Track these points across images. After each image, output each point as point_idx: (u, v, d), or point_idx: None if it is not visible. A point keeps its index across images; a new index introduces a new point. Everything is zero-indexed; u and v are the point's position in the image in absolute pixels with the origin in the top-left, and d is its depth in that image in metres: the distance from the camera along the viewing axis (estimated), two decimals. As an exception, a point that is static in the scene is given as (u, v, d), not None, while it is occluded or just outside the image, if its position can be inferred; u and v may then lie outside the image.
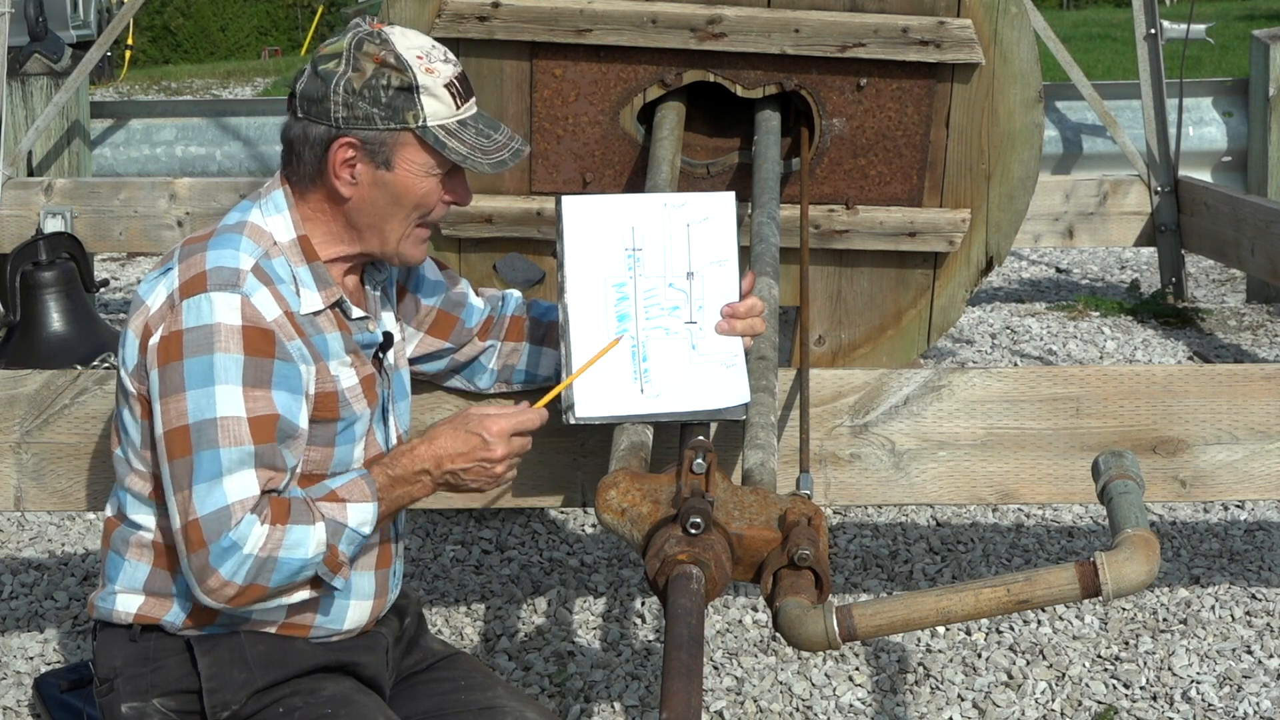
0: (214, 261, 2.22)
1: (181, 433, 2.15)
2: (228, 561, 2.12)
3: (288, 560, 2.14)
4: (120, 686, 2.30)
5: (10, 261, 5.85)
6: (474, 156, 2.26)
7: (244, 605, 2.17)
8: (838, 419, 2.82)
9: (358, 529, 2.21)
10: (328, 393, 2.27)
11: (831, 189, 3.62)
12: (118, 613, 2.31)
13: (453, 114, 2.26)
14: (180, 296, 2.19)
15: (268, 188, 2.34)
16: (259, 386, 2.16)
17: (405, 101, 2.23)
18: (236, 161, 7.26)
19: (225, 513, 2.12)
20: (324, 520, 2.18)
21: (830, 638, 2.01)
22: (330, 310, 2.31)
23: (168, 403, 2.16)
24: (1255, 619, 3.81)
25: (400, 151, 2.25)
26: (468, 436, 2.26)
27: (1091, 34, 16.20)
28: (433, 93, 2.24)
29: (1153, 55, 6.29)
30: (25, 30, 7.29)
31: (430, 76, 2.24)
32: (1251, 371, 2.86)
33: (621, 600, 3.95)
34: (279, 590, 2.17)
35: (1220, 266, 7.37)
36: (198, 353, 2.15)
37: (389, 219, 2.28)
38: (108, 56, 14.68)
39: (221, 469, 2.13)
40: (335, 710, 2.26)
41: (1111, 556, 2.02)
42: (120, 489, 2.33)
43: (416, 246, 2.34)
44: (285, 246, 2.28)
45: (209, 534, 2.11)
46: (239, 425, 2.14)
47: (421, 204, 2.29)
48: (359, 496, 2.22)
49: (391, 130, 2.24)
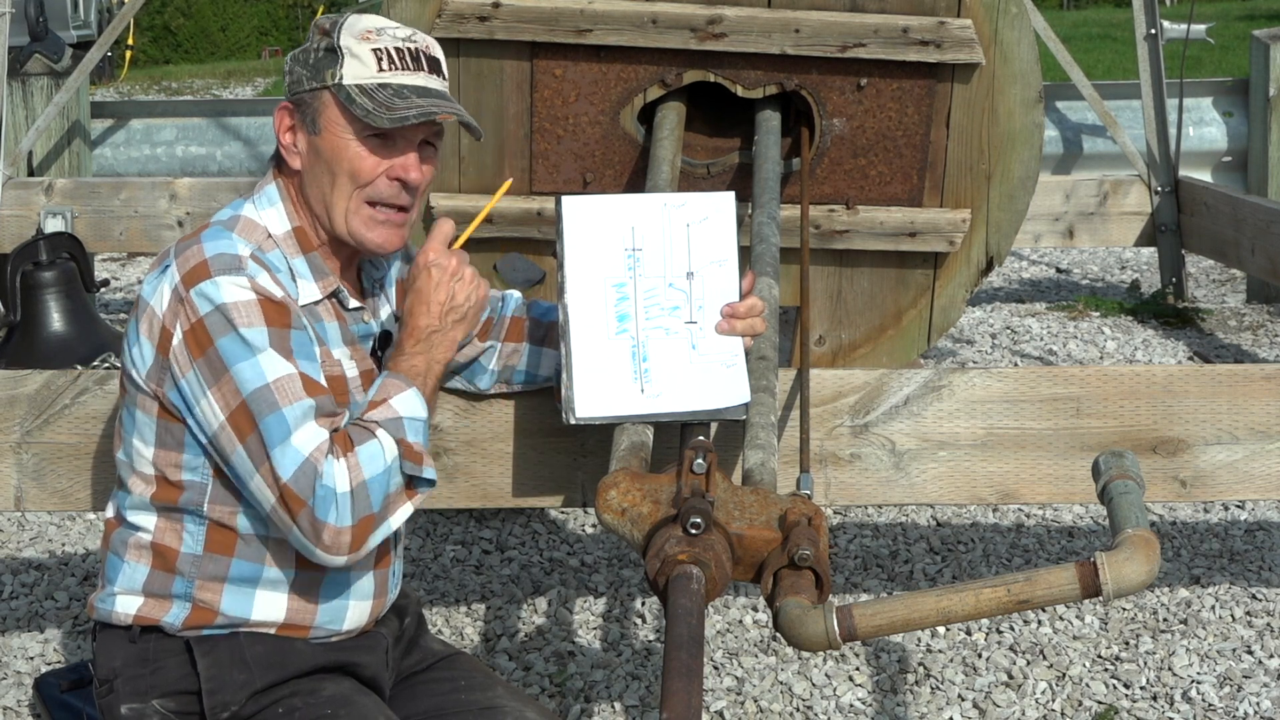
0: (212, 250, 2.22)
1: (242, 410, 2.15)
2: (331, 509, 2.12)
3: (374, 478, 2.15)
4: (120, 687, 2.30)
5: (10, 261, 5.85)
6: (376, 112, 2.22)
7: (364, 544, 2.16)
8: (838, 419, 2.82)
9: (412, 416, 2.22)
10: (335, 376, 2.28)
11: (832, 189, 3.62)
12: (117, 614, 2.31)
13: (373, 75, 2.24)
14: (185, 288, 2.19)
15: (260, 184, 2.36)
16: (286, 356, 2.18)
17: (327, 61, 2.25)
18: (237, 161, 7.26)
19: (308, 465, 2.12)
20: (380, 425, 2.19)
21: (830, 638, 2.01)
22: (327, 300, 2.32)
23: (220, 389, 2.16)
24: (1255, 619, 3.81)
25: (324, 113, 2.26)
26: (424, 280, 2.29)
27: (1091, 34, 16.21)
28: (355, 53, 2.24)
29: (1153, 55, 6.29)
30: (25, 30, 7.30)
31: (360, 42, 2.24)
32: (1252, 371, 2.86)
33: (622, 600, 3.95)
34: (384, 512, 2.17)
35: (1220, 266, 7.38)
36: (224, 332, 2.16)
37: (329, 189, 2.28)
38: (108, 56, 14.69)
39: (289, 428, 2.13)
40: (335, 710, 2.26)
41: (1112, 556, 2.02)
42: (120, 491, 2.33)
43: (371, 228, 2.30)
44: (280, 239, 2.30)
45: (303, 491, 2.11)
46: (292, 382, 2.15)
47: (353, 171, 2.26)
48: (395, 390, 2.23)
49: (313, 90, 2.26)
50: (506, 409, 2.74)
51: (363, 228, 2.29)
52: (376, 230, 2.30)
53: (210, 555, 2.27)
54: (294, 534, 2.15)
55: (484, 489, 2.79)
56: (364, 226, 2.29)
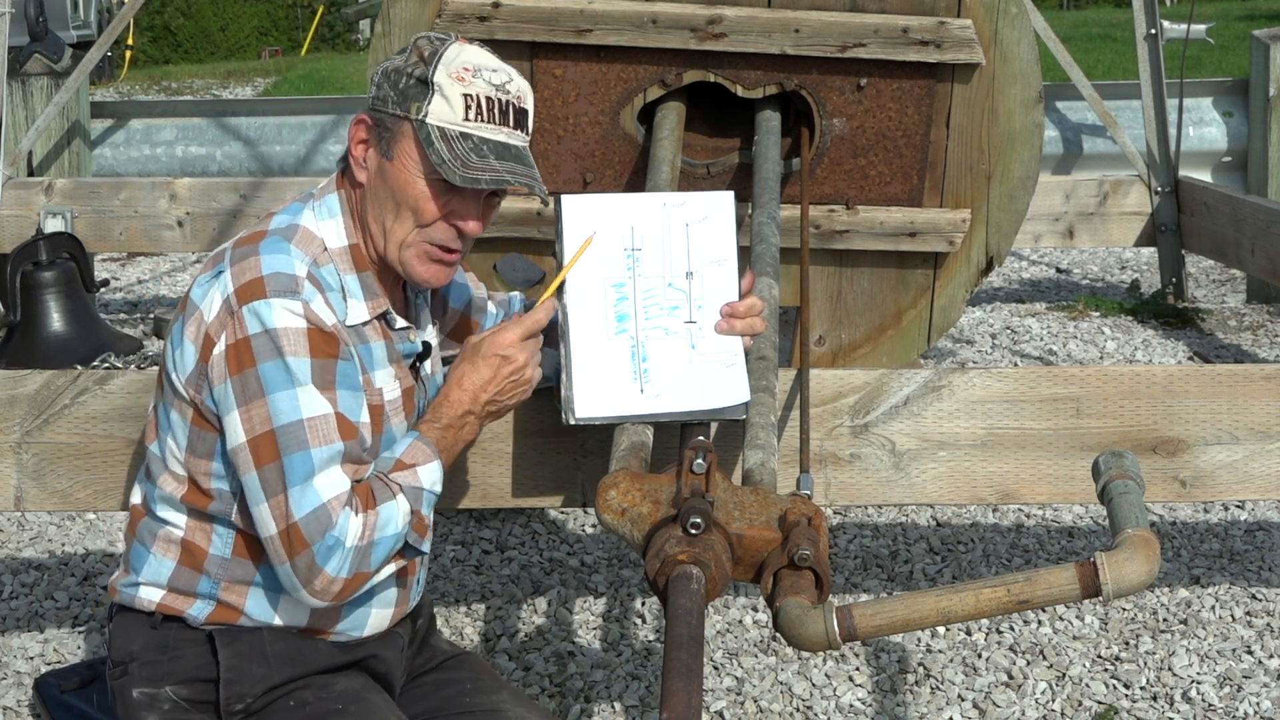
0: (270, 267, 2.19)
1: (268, 438, 2.13)
2: (333, 559, 2.12)
3: (382, 540, 2.16)
4: (135, 671, 2.29)
5: (10, 261, 5.86)
6: (451, 164, 2.19)
7: (350, 595, 2.18)
8: (838, 419, 2.82)
9: (431, 489, 2.23)
10: (374, 405, 2.27)
11: (832, 189, 3.62)
12: (140, 599, 2.31)
13: (457, 122, 2.21)
14: (238, 302, 2.17)
15: (322, 189, 2.33)
16: (328, 389, 2.16)
17: (417, 92, 2.21)
18: (237, 161, 7.26)
19: (324, 511, 2.11)
20: (403, 490, 2.19)
21: (830, 638, 2.01)
22: (376, 320, 2.31)
23: (249, 410, 2.14)
24: (1255, 619, 3.81)
25: (400, 142, 2.23)
26: (487, 362, 2.28)
27: (1091, 34, 16.21)
28: (445, 94, 2.20)
29: (1153, 55, 6.29)
30: (25, 30, 7.30)
31: (455, 82, 2.20)
32: (1252, 372, 2.86)
33: (622, 600, 3.95)
34: (377, 571, 2.18)
35: (1220, 266, 7.38)
36: (269, 357, 2.14)
37: (389, 216, 2.26)
38: (108, 56, 14.68)
39: (314, 469, 2.12)
40: (345, 706, 2.27)
41: (1112, 557, 2.02)
42: (149, 482, 2.32)
43: (423, 263, 2.28)
44: (335, 253, 2.27)
45: (311, 535, 2.11)
46: (327, 424, 2.14)
47: (417, 208, 2.24)
48: (423, 458, 2.24)
49: (396, 116, 2.23)
50: (506, 409, 2.74)
51: (414, 261, 2.28)
52: (428, 267, 2.29)
53: (238, 560, 2.27)
54: (284, 569, 2.15)
55: (484, 489, 2.80)
56: (416, 260, 2.28)
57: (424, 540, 2.24)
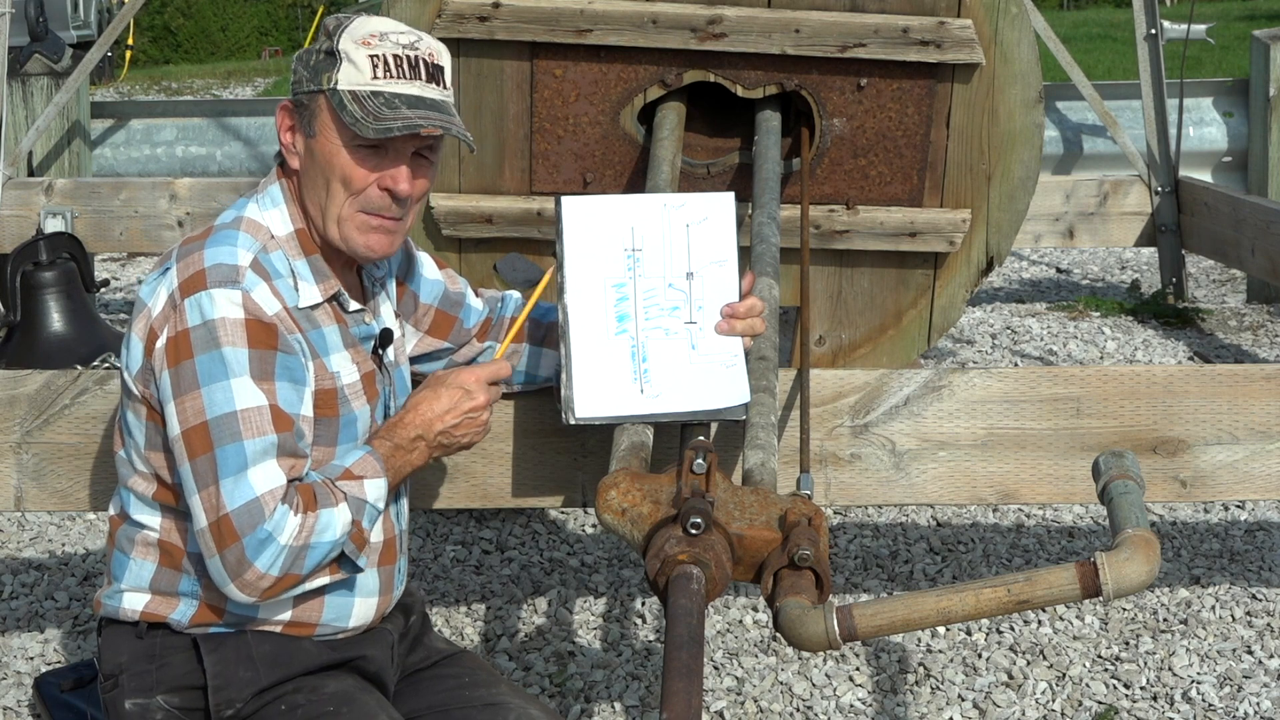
0: (212, 259, 2.21)
1: (200, 430, 2.14)
2: (264, 553, 2.11)
3: (319, 544, 2.15)
4: (125, 683, 2.30)
5: (10, 261, 5.85)
6: (364, 121, 2.19)
7: (277, 595, 2.17)
8: (838, 419, 2.82)
9: (375, 504, 2.23)
10: (326, 389, 2.27)
11: (832, 189, 3.62)
12: (124, 610, 2.31)
13: (366, 82, 2.21)
14: (181, 296, 2.19)
15: (264, 183, 2.35)
16: (265, 379, 2.16)
17: (326, 64, 2.24)
18: (237, 161, 7.26)
19: (256, 504, 2.11)
20: (346, 499, 2.19)
21: (830, 638, 2.01)
22: (328, 303, 2.31)
23: (183, 402, 2.15)
24: (1255, 619, 3.81)
25: (319, 117, 2.25)
26: (450, 393, 2.29)
27: (1091, 34, 16.21)
28: (352, 58, 2.22)
29: (1153, 55, 6.29)
30: (25, 30, 7.30)
31: (360, 47, 2.22)
32: (1252, 372, 2.86)
33: (622, 600, 3.95)
34: (308, 576, 2.18)
35: (1220, 267, 7.38)
36: (206, 349, 2.15)
37: (323, 193, 2.26)
38: (108, 56, 14.69)
39: (246, 461, 2.12)
40: (337, 708, 2.27)
41: (1112, 557, 2.02)
42: (123, 489, 2.34)
43: (363, 233, 2.27)
44: (283, 240, 2.29)
45: (242, 527, 2.11)
46: (260, 415, 2.14)
47: (345, 177, 2.24)
48: (372, 472, 2.24)
49: (311, 93, 2.25)
50: (506, 409, 2.74)
51: (354, 233, 2.27)
52: (369, 235, 2.28)
53: None
54: (213, 561, 2.15)
55: (484, 489, 2.80)
56: (356, 232, 2.27)
57: (360, 554, 2.23)
